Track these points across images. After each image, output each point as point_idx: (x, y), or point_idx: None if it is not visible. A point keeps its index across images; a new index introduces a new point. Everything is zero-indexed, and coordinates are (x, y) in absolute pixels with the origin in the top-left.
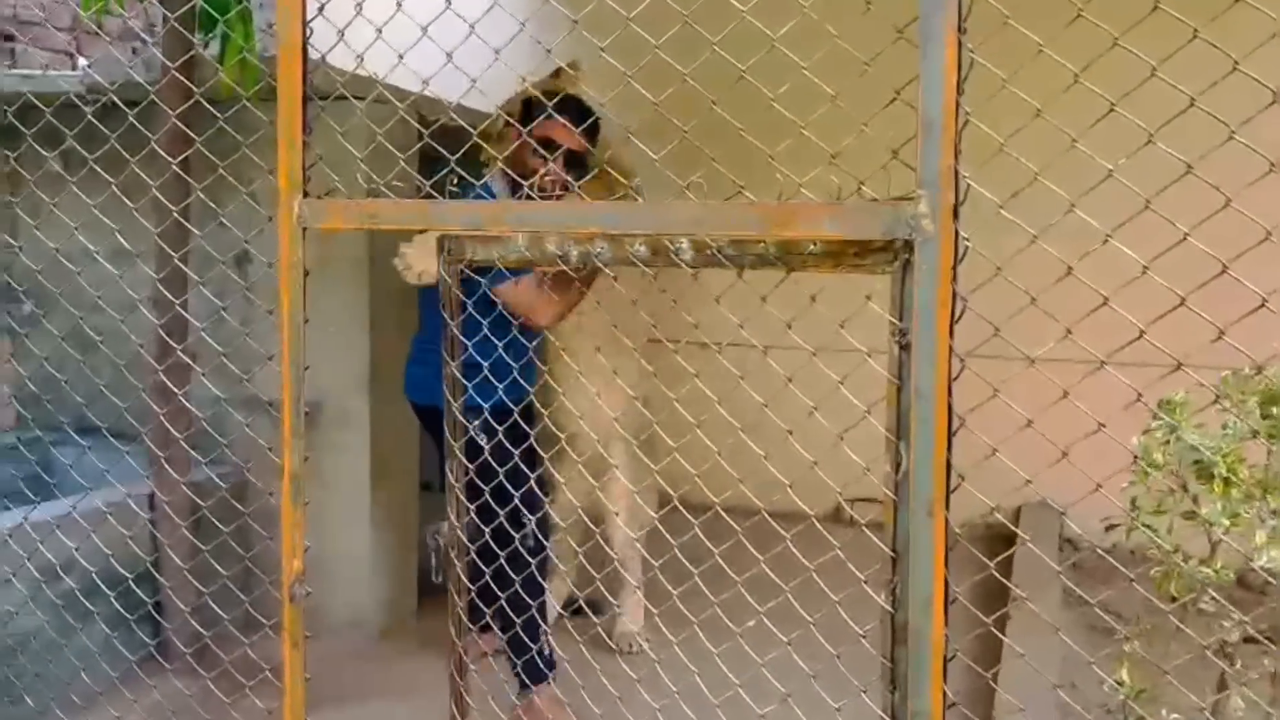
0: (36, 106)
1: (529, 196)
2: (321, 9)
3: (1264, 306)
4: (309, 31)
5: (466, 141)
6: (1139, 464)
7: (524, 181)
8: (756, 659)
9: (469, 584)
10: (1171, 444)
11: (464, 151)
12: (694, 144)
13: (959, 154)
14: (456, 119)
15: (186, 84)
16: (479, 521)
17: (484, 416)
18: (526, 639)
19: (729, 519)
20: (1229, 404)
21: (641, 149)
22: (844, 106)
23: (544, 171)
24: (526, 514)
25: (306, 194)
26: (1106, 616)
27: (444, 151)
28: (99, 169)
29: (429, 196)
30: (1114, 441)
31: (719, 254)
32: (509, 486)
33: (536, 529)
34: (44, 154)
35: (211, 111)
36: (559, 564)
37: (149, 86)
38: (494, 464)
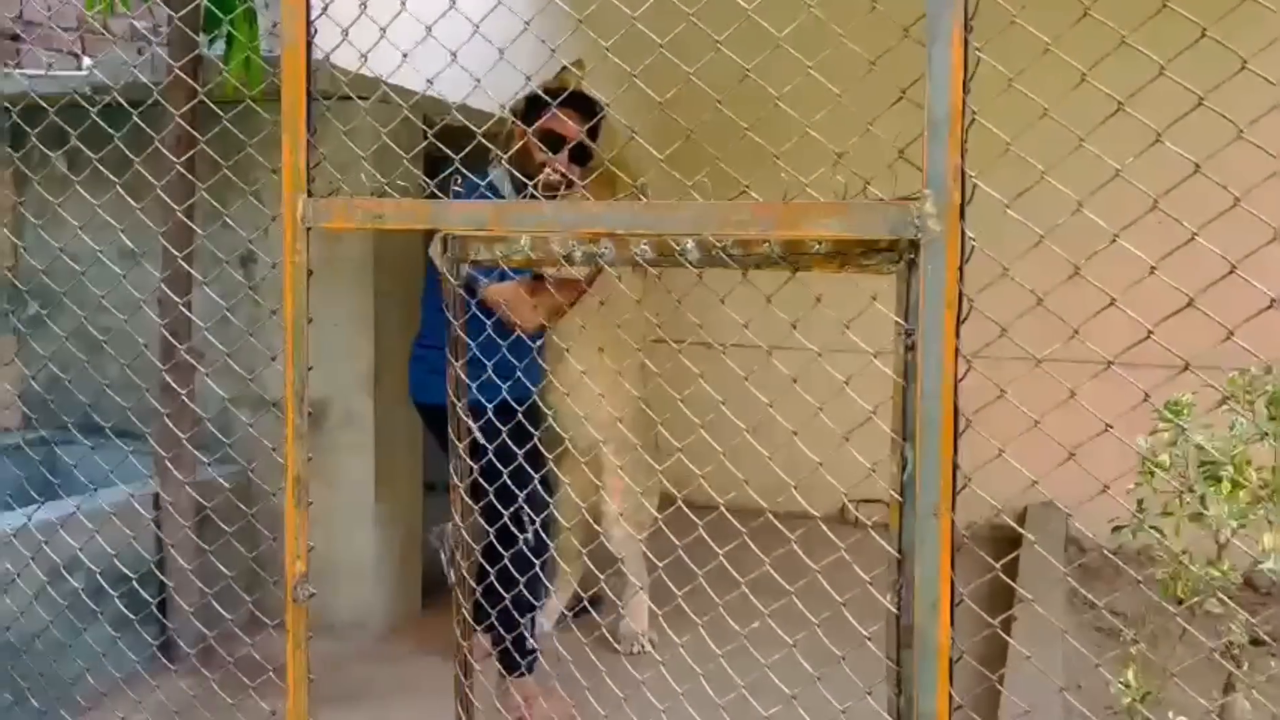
0: (41, 106)
1: (535, 194)
2: (325, 8)
3: (1272, 307)
4: (313, 31)
5: (471, 141)
6: (1145, 465)
7: (528, 181)
8: (761, 660)
9: (474, 584)
10: (1178, 445)
11: (470, 152)
12: (699, 143)
13: (965, 153)
14: (461, 119)
15: (191, 84)
16: (483, 520)
17: (488, 415)
18: (502, 629)
19: (733, 519)
20: (1236, 405)
21: (646, 148)
22: (849, 105)
23: (549, 170)
24: (529, 512)
25: (310, 194)
26: (1113, 618)
27: (448, 151)
28: (104, 169)
29: (433, 196)
30: (1120, 443)
31: (724, 254)
32: (512, 485)
33: (540, 528)
34: (49, 154)
35: (216, 112)
36: (563, 564)
37: (154, 87)
38: (498, 462)
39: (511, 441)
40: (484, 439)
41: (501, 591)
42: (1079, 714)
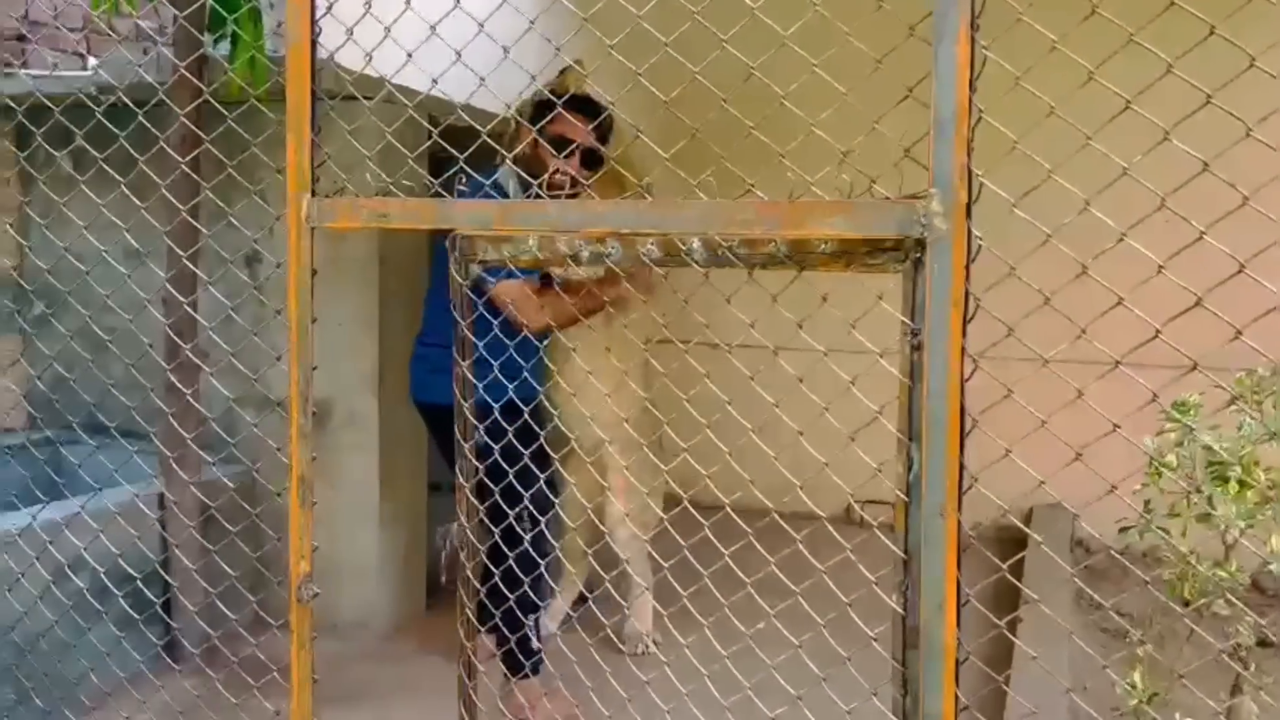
0: (47, 106)
1: (540, 193)
2: (330, 8)
3: None
4: (317, 30)
5: (476, 140)
6: (1153, 465)
7: (533, 181)
8: (766, 660)
9: (478, 584)
10: (1185, 445)
11: (475, 151)
12: (704, 142)
13: (972, 152)
14: (466, 118)
15: (196, 84)
16: (488, 520)
17: (494, 416)
18: (507, 630)
19: (739, 520)
20: (1245, 405)
21: (651, 148)
22: (855, 104)
23: (554, 169)
24: (535, 512)
25: (315, 193)
26: (1120, 619)
27: (453, 151)
28: (109, 169)
29: (438, 196)
30: (1127, 443)
31: (729, 253)
32: (517, 485)
33: (545, 528)
34: (54, 154)
35: (221, 111)
36: (568, 565)
37: (159, 86)
38: (503, 463)
39: (517, 441)
40: (489, 439)
41: (506, 592)
42: (1085, 715)
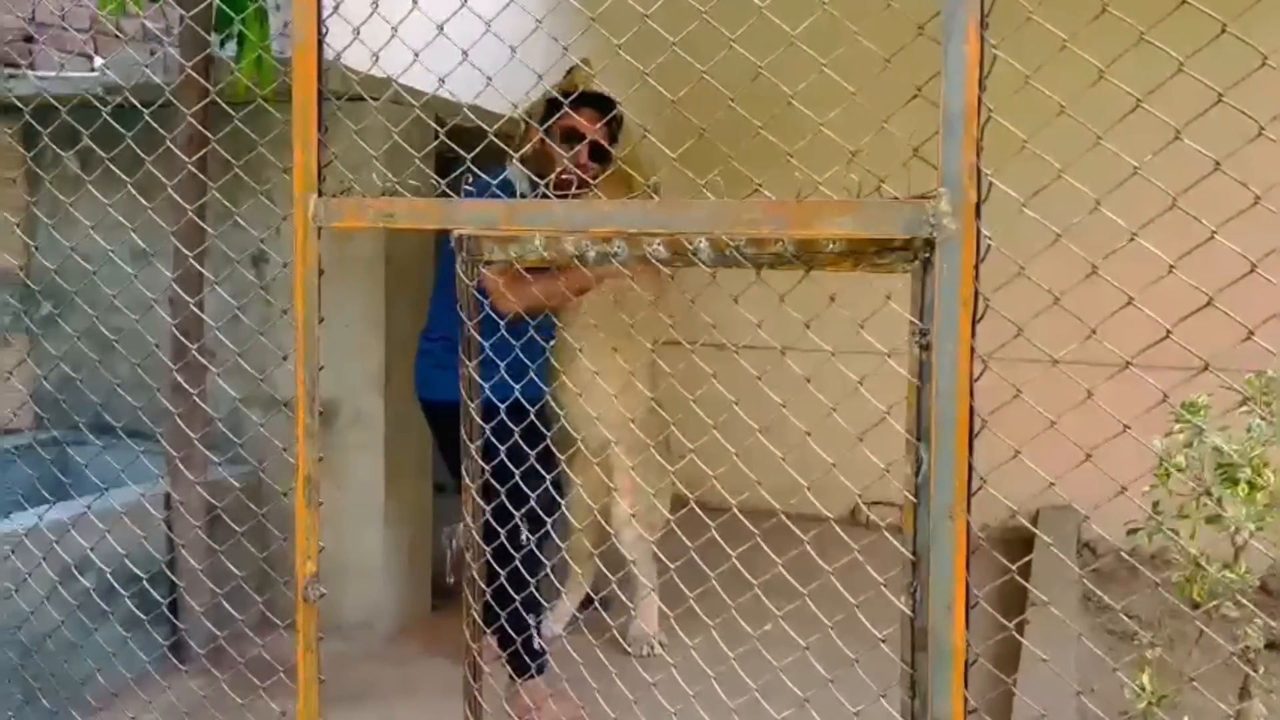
0: (54, 107)
1: (547, 192)
2: (337, 8)
3: None
4: (324, 30)
5: (483, 140)
6: (1162, 466)
7: (540, 181)
8: (774, 662)
9: (484, 585)
10: (1194, 447)
11: (481, 151)
12: (711, 142)
13: (981, 151)
14: (473, 118)
15: (203, 84)
16: (493, 520)
17: (499, 416)
18: (512, 631)
19: (746, 521)
20: (1255, 406)
21: (659, 147)
22: (864, 103)
23: (561, 169)
24: (539, 512)
25: (322, 193)
26: (1129, 621)
27: (460, 151)
28: (116, 169)
29: (444, 195)
30: (1136, 445)
31: (737, 253)
32: (523, 485)
33: (550, 529)
34: (61, 154)
35: (228, 111)
36: (574, 566)
37: (165, 87)
38: (509, 463)
39: (522, 442)
40: (494, 439)
41: (512, 593)
42: (1093, 718)
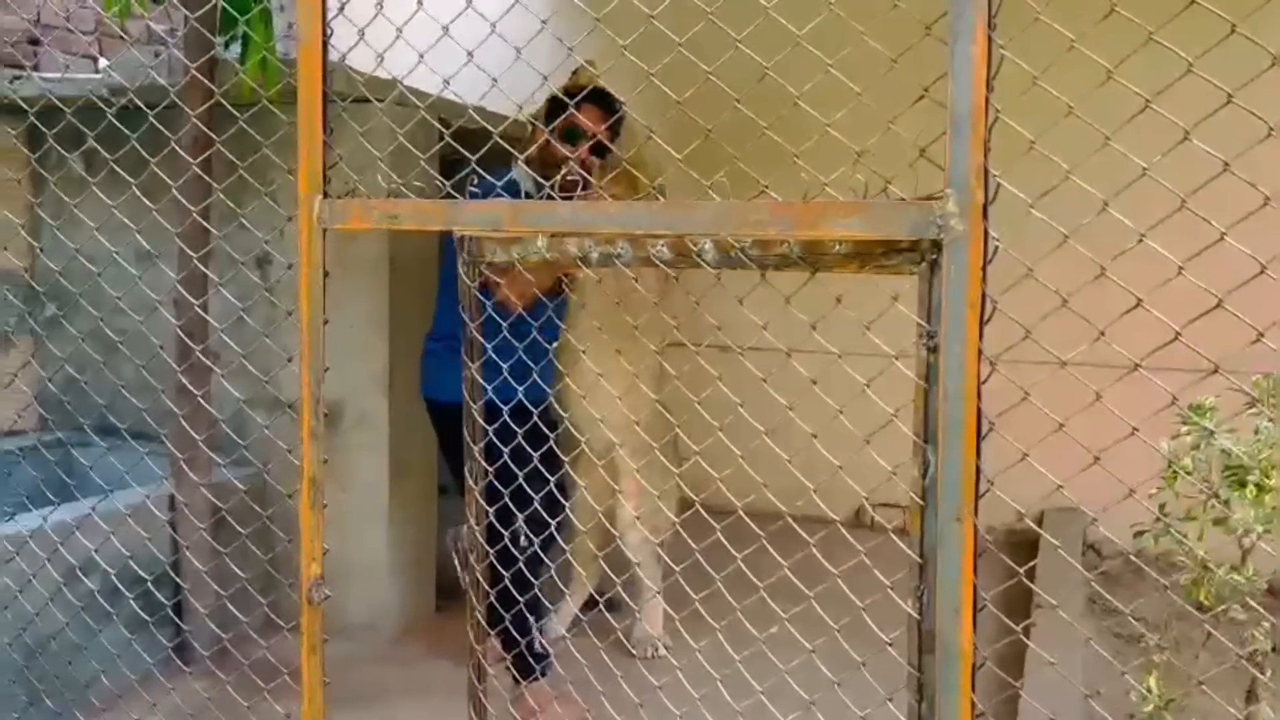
0: (59, 108)
1: (551, 194)
2: (342, 9)
3: None
4: (329, 31)
5: (488, 142)
6: (1169, 468)
7: (546, 182)
8: (780, 665)
9: (488, 587)
10: (1202, 449)
11: (486, 153)
12: (717, 143)
13: (988, 152)
14: (478, 119)
15: (208, 85)
16: (495, 522)
17: (503, 418)
18: (516, 633)
19: (751, 523)
20: (1265, 408)
21: (664, 148)
22: (870, 104)
23: (567, 171)
24: (543, 514)
25: (326, 195)
26: (1136, 624)
27: (465, 152)
28: (120, 170)
29: (449, 197)
30: (1143, 447)
31: (742, 255)
32: (525, 486)
33: (554, 531)
34: (66, 156)
35: (232, 113)
36: (578, 567)
37: (170, 88)
38: (511, 463)
39: (525, 443)
40: (496, 440)
41: (516, 595)
42: None
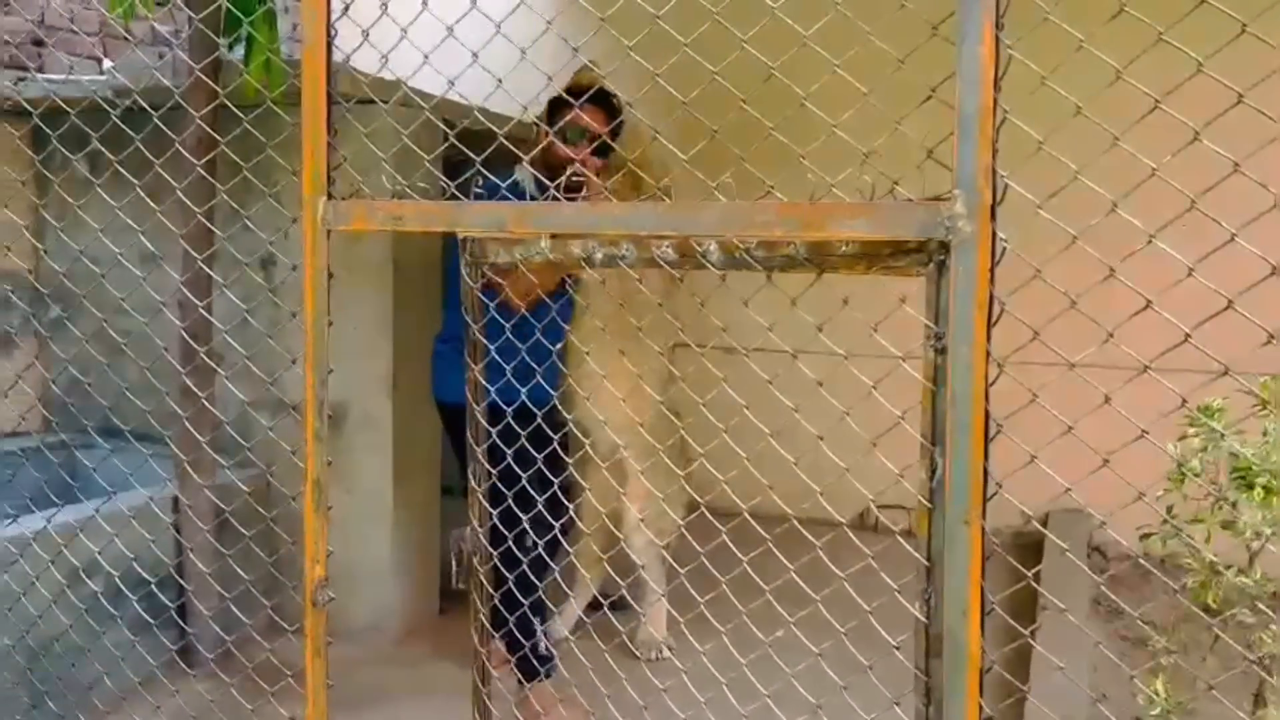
0: (63, 110)
1: (556, 194)
2: (346, 10)
3: None
4: (333, 32)
5: (492, 143)
6: (1177, 470)
7: (550, 183)
8: (785, 669)
9: (492, 589)
10: (1209, 450)
11: (490, 154)
12: (723, 143)
13: (996, 152)
14: (483, 120)
15: (212, 87)
16: (499, 523)
17: (507, 420)
18: (520, 636)
19: (757, 526)
20: (1272, 410)
21: (670, 149)
22: (877, 104)
23: (571, 171)
24: (547, 516)
25: (331, 196)
26: (1144, 626)
27: (469, 153)
28: (124, 172)
29: (453, 198)
30: (1151, 449)
31: (748, 256)
32: (529, 488)
33: (558, 533)
34: (70, 157)
35: (237, 114)
36: (582, 569)
37: (174, 89)
38: (515, 466)
39: (529, 444)
40: (501, 442)
41: (520, 597)
42: None
